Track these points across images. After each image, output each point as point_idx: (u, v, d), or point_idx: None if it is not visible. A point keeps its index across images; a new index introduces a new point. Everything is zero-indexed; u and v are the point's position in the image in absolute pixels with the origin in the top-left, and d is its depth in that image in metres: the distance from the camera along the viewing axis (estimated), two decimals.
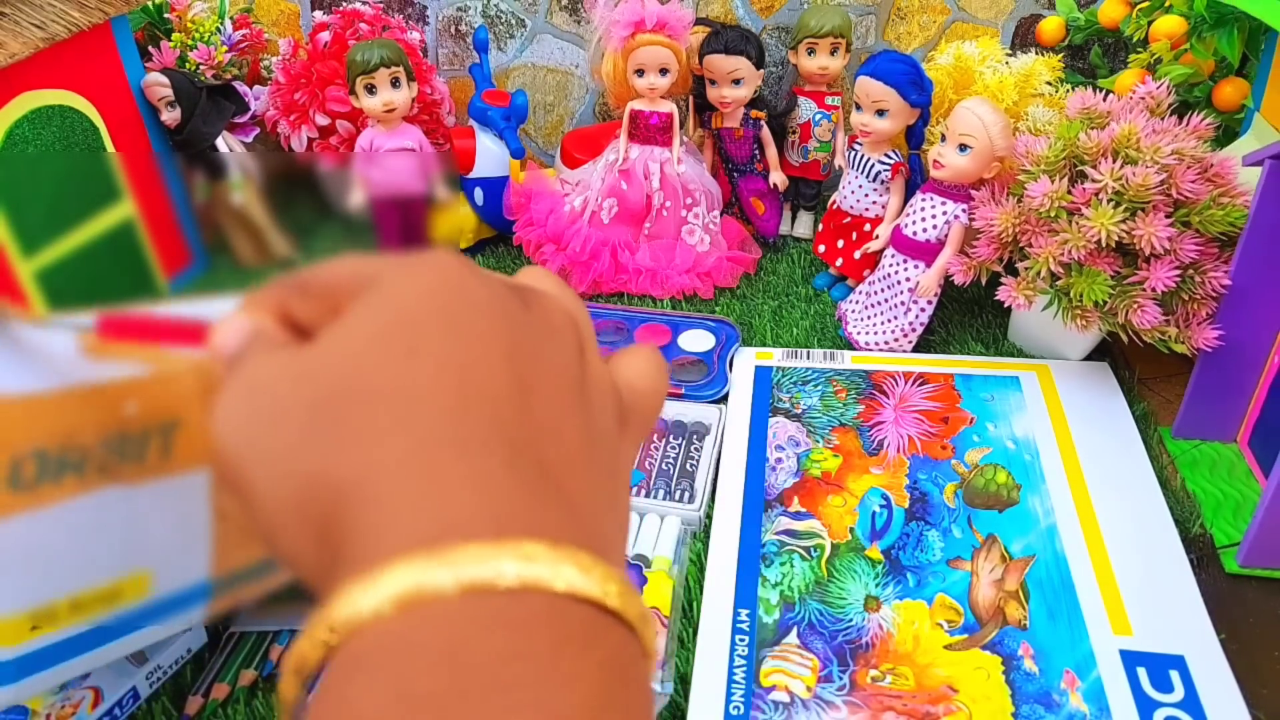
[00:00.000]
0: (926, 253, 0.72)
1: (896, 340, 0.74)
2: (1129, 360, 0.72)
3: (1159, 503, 0.58)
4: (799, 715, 0.47)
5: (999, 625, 0.51)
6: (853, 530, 0.58)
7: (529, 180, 0.85)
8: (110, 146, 0.74)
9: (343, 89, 0.84)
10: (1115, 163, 0.61)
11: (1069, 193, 0.62)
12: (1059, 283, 0.64)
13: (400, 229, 0.39)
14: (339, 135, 0.88)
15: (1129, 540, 0.56)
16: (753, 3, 0.91)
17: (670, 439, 0.66)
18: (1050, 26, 0.83)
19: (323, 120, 0.86)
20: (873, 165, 0.78)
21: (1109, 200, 0.60)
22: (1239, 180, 0.60)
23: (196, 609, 0.34)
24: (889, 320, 0.74)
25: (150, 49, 0.81)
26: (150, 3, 0.83)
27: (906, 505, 0.59)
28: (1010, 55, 0.79)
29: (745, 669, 0.50)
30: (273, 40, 0.93)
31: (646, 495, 0.61)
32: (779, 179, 0.87)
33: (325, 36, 0.87)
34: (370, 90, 0.79)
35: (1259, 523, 0.53)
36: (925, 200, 0.72)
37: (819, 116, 0.86)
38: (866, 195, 0.79)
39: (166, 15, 0.84)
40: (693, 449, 0.65)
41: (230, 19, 0.86)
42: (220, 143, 0.83)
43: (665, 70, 0.79)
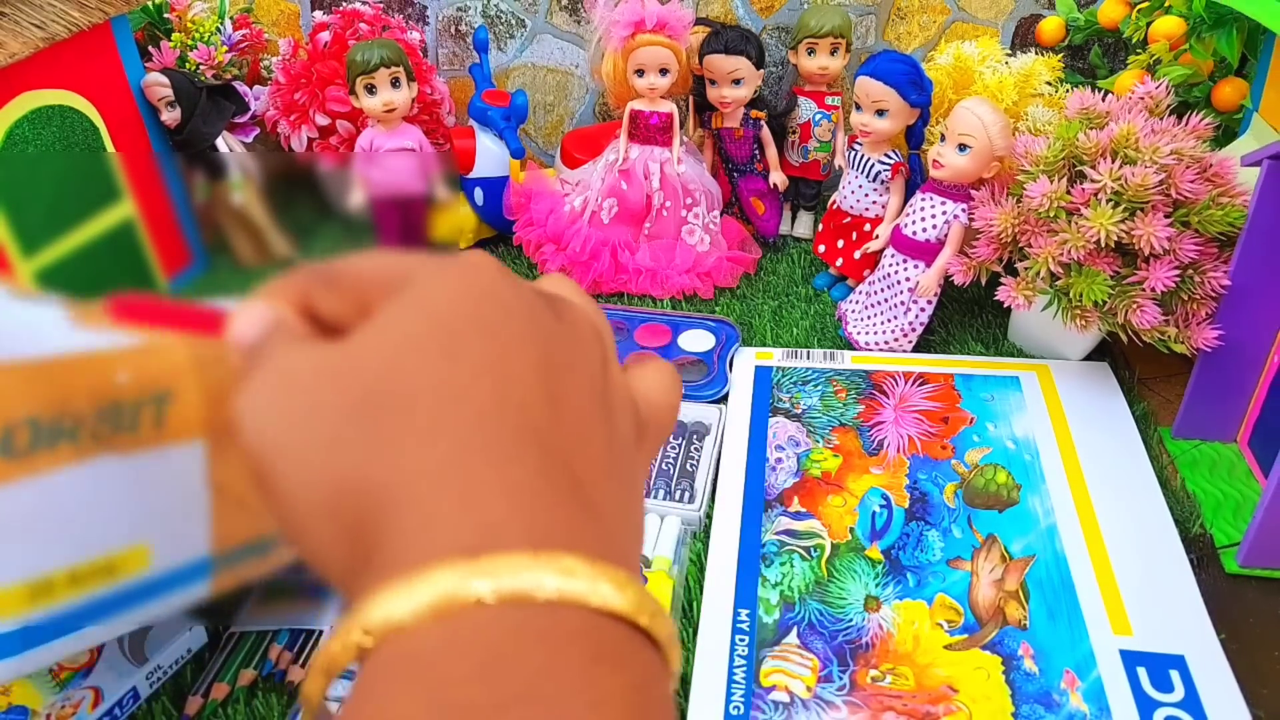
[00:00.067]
0: (926, 253, 0.72)
1: (896, 340, 0.74)
2: (1129, 360, 0.72)
3: (1159, 503, 0.59)
4: (799, 715, 0.47)
5: (999, 625, 0.51)
6: (853, 530, 0.58)
7: (529, 180, 0.85)
8: (110, 146, 0.74)
9: (343, 89, 0.84)
10: (1114, 163, 0.61)
11: (1068, 193, 0.62)
12: (1059, 283, 0.64)
13: (400, 229, 0.39)
14: (339, 135, 0.88)
15: (1129, 540, 0.56)
16: (753, 3, 0.91)
17: (670, 439, 0.66)
18: (1050, 26, 0.83)
19: (323, 120, 0.86)
20: (873, 165, 0.78)
21: (1108, 200, 0.61)
22: (1238, 180, 0.61)
23: (198, 585, 0.34)
24: (889, 320, 0.74)
25: (150, 49, 0.81)
26: (150, 3, 0.83)
27: (906, 505, 0.59)
28: (1010, 55, 0.79)
29: (745, 669, 0.50)
30: (273, 40, 0.93)
31: (647, 495, 0.61)
32: (779, 179, 0.87)
33: (325, 36, 0.87)
34: (370, 90, 0.79)
35: (1259, 523, 0.53)
36: (925, 200, 0.72)
37: (819, 116, 0.86)
38: (866, 195, 0.79)
39: (166, 15, 0.84)
40: (693, 449, 0.65)
41: (230, 19, 0.86)
42: (220, 143, 0.83)
43: (665, 70, 0.79)
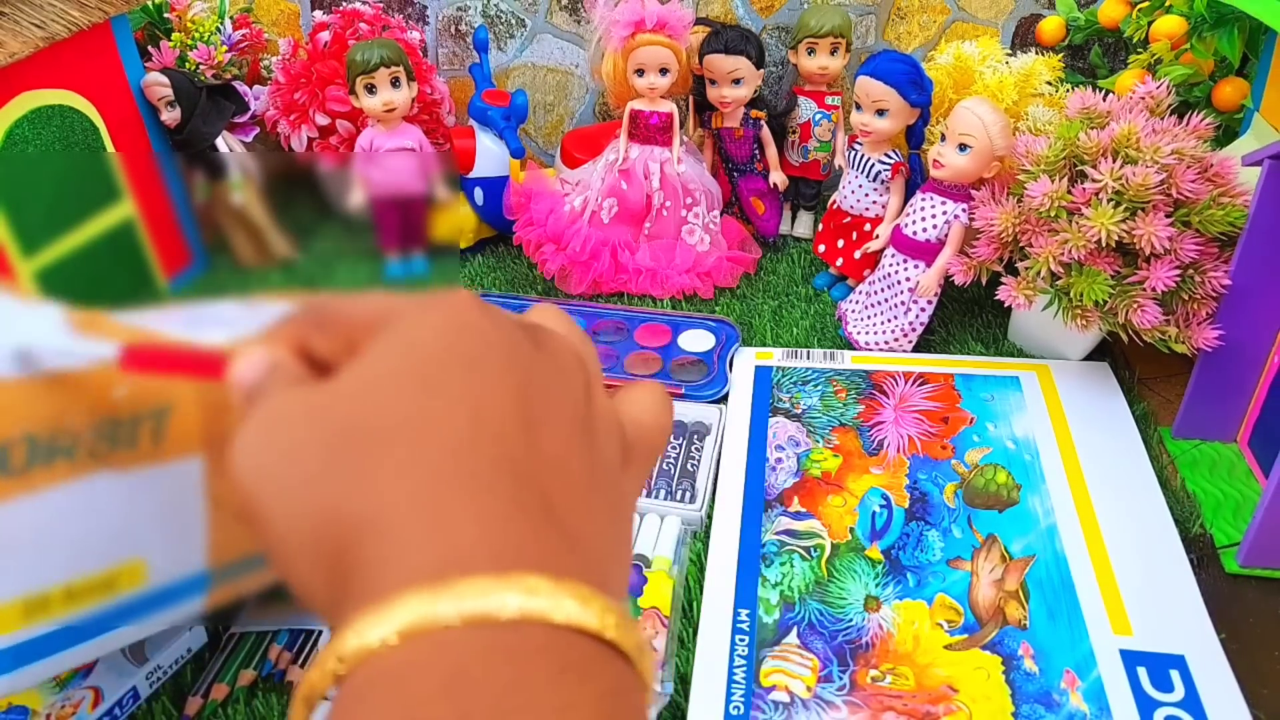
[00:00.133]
0: (926, 252, 0.72)
1: (896, 340, 0.74)
2: (1129, 360, 0.72)
3: (1159, 503, 0.59)
4: (799, 715, 0.47)
5: (999, 625, 0.51)
6: (853, 530, 0.58)
7: (529, 180, 0.85)
8: (110, 146, 0.74)
9: (343, 89, 0.84)
10: (1115, 162, 0.61)
11: (1069, 192, 0.62)
12: (1059, 282, 0.64)
13: (400, 229, 0.39)
14: (339, 135, 0.88)
15: (1129, 540, 0.56)
16: (753, 3, 0.91)
17: (671, 439, 0.66)
18: (1050, 26, 0.83)
19: (323, 120, 0.86)
20: (873, 165, 0.78)
21: (1109, 200, 0.60)
22: (1239, 180, 0.60)
23: (196, 600, 0.34)
24: (889, 320, 0.74)
25: (150, 49, 0.81)
26: (150, 3, 0.83)
27: (906, 505, 0.59)
28: (1010, 55, 0.79)
29: (745, 669, 0.50)
30: (273, 40, 0.93)
31: (647, 495, 0.61)
32: (779, 179, 0.87)
33: (325, 36, 0.87)
34: (370, 90, 0.79)
35: (1259, 523, 0.53)
36: (925, 200, 0.72)
37: (819, 116, 0.86)
38: (866, 195, 0.79)
39: (166, 15, 0.84)
40: (693, 449, 0.65)
41: (230, 19, 0.86)
42: (220, 143, 0.83)
43: (665, 70, 0.79)
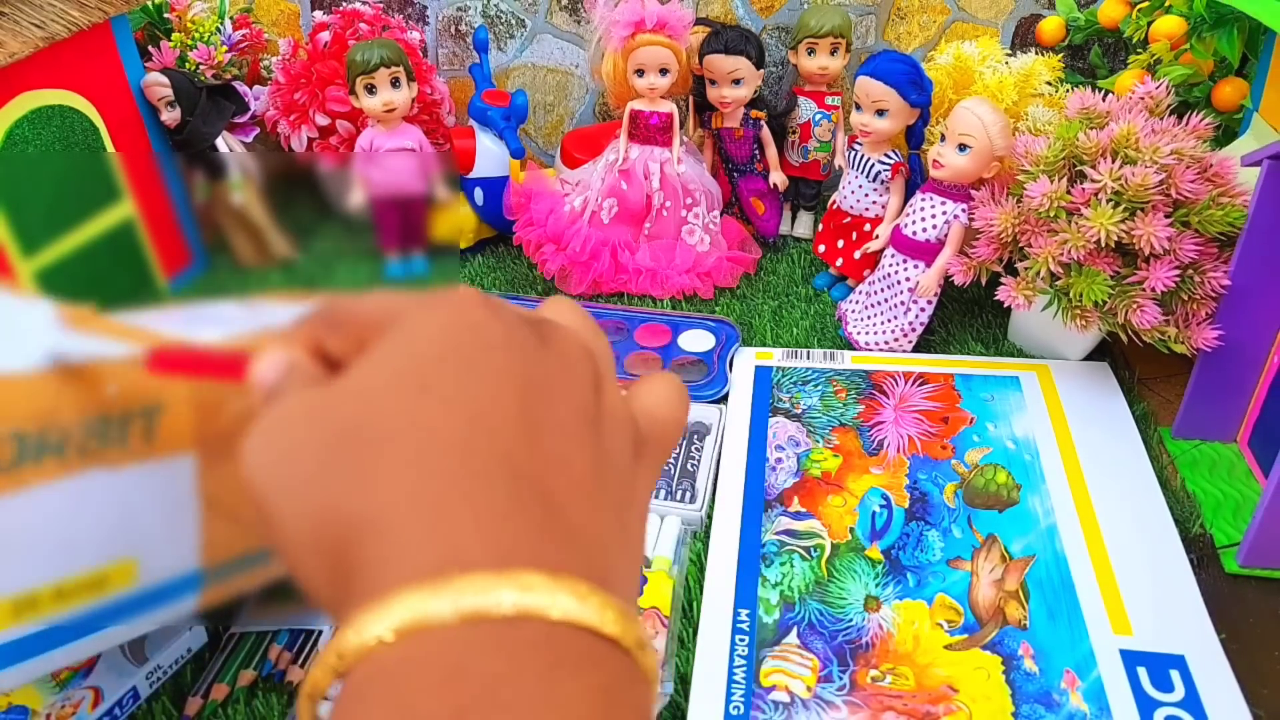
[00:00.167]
0: (926, 253, 0.72)
1: (896, 340, 0.74)
2: (1129, 360, 0.72)
3: (1159, 503, 0.59)
4: (799, 715, 0.47)
5: (999, 625, 0.51)
6: (853, 530, 0.58)
7: (529, 180, 0.85)
8: (110, 146, 0.74)
9: (343, 89, 0.84)
10: (1114, 163, 0.61)
11: (1068, 193, 0.62)
12: (1059, 283, 0.64)
13: (400, 229, 0.39)
14: (339, 135, 0.88)
15: (1129, 540, 0.56)
16: (753, 3, 0.92)
17: None
18: (1050, 26, 0.83)
19: (323, 120, 0.86)
20: (873, 165, 0.78)
21: (1108, 200, 0.60)
22: (1238, 180, 0.61)
23: (188, 600, 0.34)
24: (889, 320, 0.74)
25: (150, 49, 0.81)
26: (150, 3, 0.83)
27: (906, 505, 0.59)
28: (1010, 55, 0.79)
29: (745, 669, 0.50)
30: (273, 40, 0.93)
31: None
32: (779, 179, 0.87)
33: (325, 36, 0.87)
34: (370, 90, 0.79)
35: (1259, 523, 0.53)
36: (925, 200, 0.72)
37: (819, 116, 0.86)
38: (866, 195, 0.79)
39: (166, 15, 0.84)
40: (693, 449, 0.65)
41: (230, 19, 0.86)
42: (220, 143, 0.83)
43: (665, 70, 0.79)
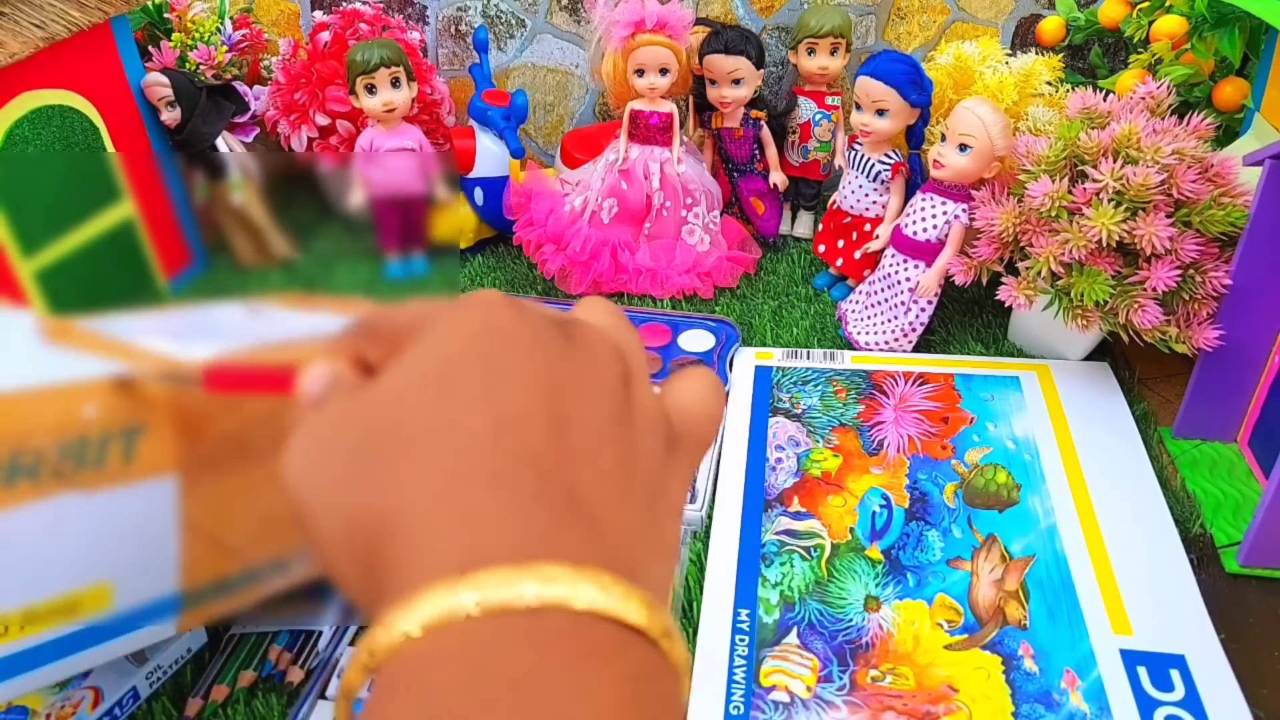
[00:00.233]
0: (926, 253, 0.72)
1: (896, 340, 0.74)
2: (1129, 360, 0.72)
3: (1159, 503, 0.58)
4: (799, 715, 0.47)
5: (999, 625, 0.51)
6: (853, 530, 0.58)
7: (529, 180, 0.85)
8: (110, 146, 0.74)
9: (343, 89, 0.84)
10: (1116, 163, 0.61)
11: (1069, 192, 0.62)
12: (1059, 282, 0.64)
13: (400, 229, 0.39)
14: (339, 135, 0.88)
15: (1129, 540, 0.56)
16: (753, 3, 0.91)
17: None
18: (1050, 26, 0.83)
19: (323, 120, 0.86)
20: (873, 165, 0.78)
21: (1110, 200, 0.60)
22: (1239, 180, 0.60)
23: (165, 623, 0.33)
24: (889, 320, 0.74)
25: (150, 49, 0.81)
26: (150, 3, 0.83)
27: (906, 505, 0.59)
28: (1010, 55, 0.79)
29: (745, 669, 0.50)
30: (273, 40, 0.93)
31: None
32: (779, 179, 0.87)
33: (325, 36, 0.87)
34: (370, 90, 0.79)
35: (1259, 523, 0.53)
36: (925, 200, 0.72)
37: (819, 116, 0.86)
38: (866, 195, 0.79)
39: (166, 15, 0.84)
40: None
41: (230, 19, 0.86)
42: (220, 143, 0.83)
43: (665, 70, 0.79)
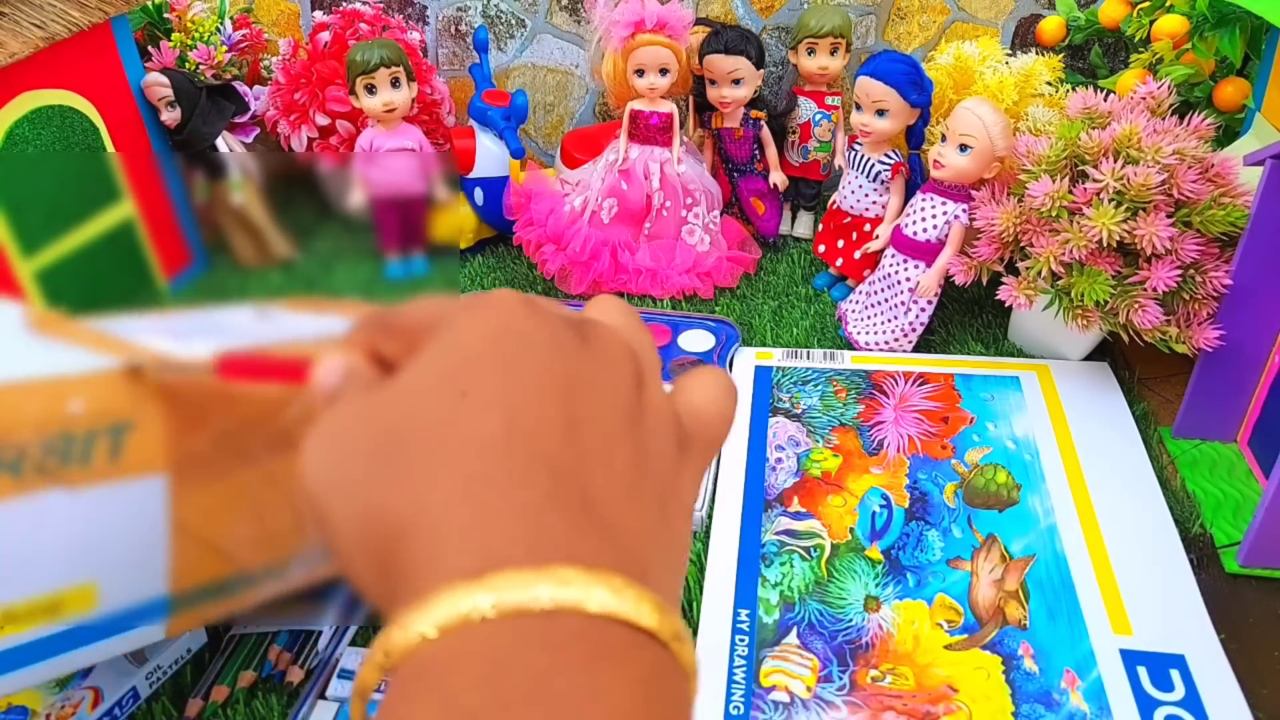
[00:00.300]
0: (927, 253, 0.72)
1: (896, 340, 0.74)
2: (1129, 360, 0.72)
3: (1159, 503, 0.58)
4: (799, 715, 0.47)
5: (999, 625, 0.51)
6: (853, 530, 0.58)
7: (529, 180, 0.85)
8: (110, 146, 0.74)
9: (343, 89, 0.84)
10: (1116, 162, 0.61)
11: (1070, 192, 0.62)
12: (1060, 282, 0.64)
13: (400, 229, 0.39)
14: (339, 135, 0.88)
15: (1129, 540, 0.56)
16: (753, 3, 0.91)
17: None
18: (1050, 26, 0.82)
19: (323, 120, 0.86)
20: (873, 165, 0.78)
21: (1110, 200, 0.60)
22: (1240, 180, 0.60)
23: (154, 626, 0.33)
24: (889, 320, 0.74)
25: (150, 49, 0.81)
26: (150, 3, 0.83)
27: (906, 505, 0.59)
28: (1010, 55, 0.79)
29: (745, 669, 0.50)
30: (273, 40, 0.93)
31: None
32: (779, 179, 0.87)
33: (325, 36, 0.87)
34: (370, 90, 0.79)
35: (1259, 523, 0.53)
36: (925, 200, 0.72)
37: (819, 116, 0.86)
38: (866, 195, 0.79)
39: (166, 15, 0.84)
40: None
41: (230, 19, 0.86)
42: (220, 143, 0.83)
43: (665, 70, 0.79)
